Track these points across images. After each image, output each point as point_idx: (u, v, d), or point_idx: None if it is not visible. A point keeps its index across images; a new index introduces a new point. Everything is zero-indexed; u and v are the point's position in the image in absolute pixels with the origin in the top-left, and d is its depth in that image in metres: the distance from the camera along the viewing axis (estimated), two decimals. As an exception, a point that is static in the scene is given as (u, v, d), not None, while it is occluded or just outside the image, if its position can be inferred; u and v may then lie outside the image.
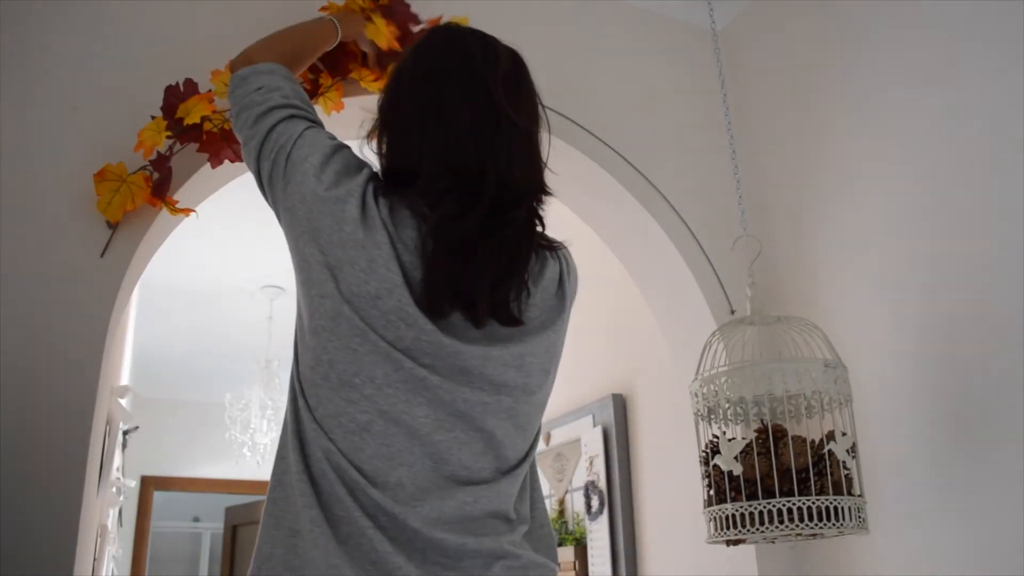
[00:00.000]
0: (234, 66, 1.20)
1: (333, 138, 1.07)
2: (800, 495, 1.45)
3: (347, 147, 1.06)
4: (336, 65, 1.62)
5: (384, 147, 1.05)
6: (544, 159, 1.07)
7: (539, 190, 1.04)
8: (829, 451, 1.49)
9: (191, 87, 1.52)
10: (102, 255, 1.47)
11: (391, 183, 1.01)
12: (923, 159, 1.72)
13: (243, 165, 1.67)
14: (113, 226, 1.48)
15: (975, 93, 1.62)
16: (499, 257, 0.96)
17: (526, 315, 0.98)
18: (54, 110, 1.52)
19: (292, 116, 1.07)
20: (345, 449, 0.93)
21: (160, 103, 1.52)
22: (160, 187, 1.48)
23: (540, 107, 1.09)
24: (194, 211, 1.57)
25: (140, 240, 1.51)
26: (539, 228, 1.04)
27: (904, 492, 1.68)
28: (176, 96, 1.52)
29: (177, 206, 1.52)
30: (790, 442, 1.50)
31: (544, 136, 1.08)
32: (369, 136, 1.07)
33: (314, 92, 1.62)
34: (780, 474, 1.48)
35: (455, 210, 0.95)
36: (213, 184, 1.72)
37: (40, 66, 1.54)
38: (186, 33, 1.68)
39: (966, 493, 1.56)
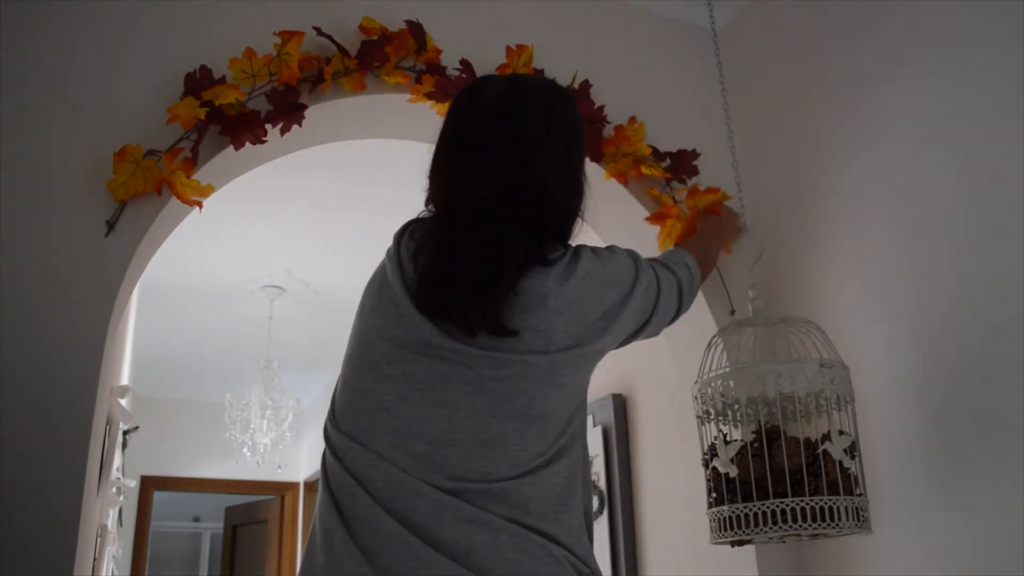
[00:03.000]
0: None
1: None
2: (794, 496, 1.45)
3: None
4: (366, 56, 1.73)
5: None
6: (573, 186, 1.19)
7: (533, 202, 1.11)
8: (824, 451, 1.48)
9: (206, 74, 1.59)
10: (103, 257, 1.47)
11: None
12: (924, 158, 1.71)
13: (247, 159, 1.69)
14: (111, 224, 1.48)
15: (976, 93, 1.62)
16: (473, 264, 1.04)
17: (522, 326, 1.05)
18: (54, 110, 1.52)
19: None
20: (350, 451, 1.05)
21: (155, 103, 1.57)
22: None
23: (551, 129, 1.17)
24: (200, 204, 1.58)
25: (140, 241, 1.51)
26: (535, 241, 1.10)
27: (904, 492, 1.67)
28: (195, 83, 1.58)
29: (191, 182, 1.55)
30: (783, 443, 1.50)
31: (580, 167, 1.22)
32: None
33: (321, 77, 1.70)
34: (776, 475, 1.48)
35: (440, 224, 1.10)
36: (226, 174, 1.73)
37: (40, 66, 1.53)
38: (185, 33, 1.68)
39: (967, 493, 1.56)
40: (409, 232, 1.14)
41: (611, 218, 2.06)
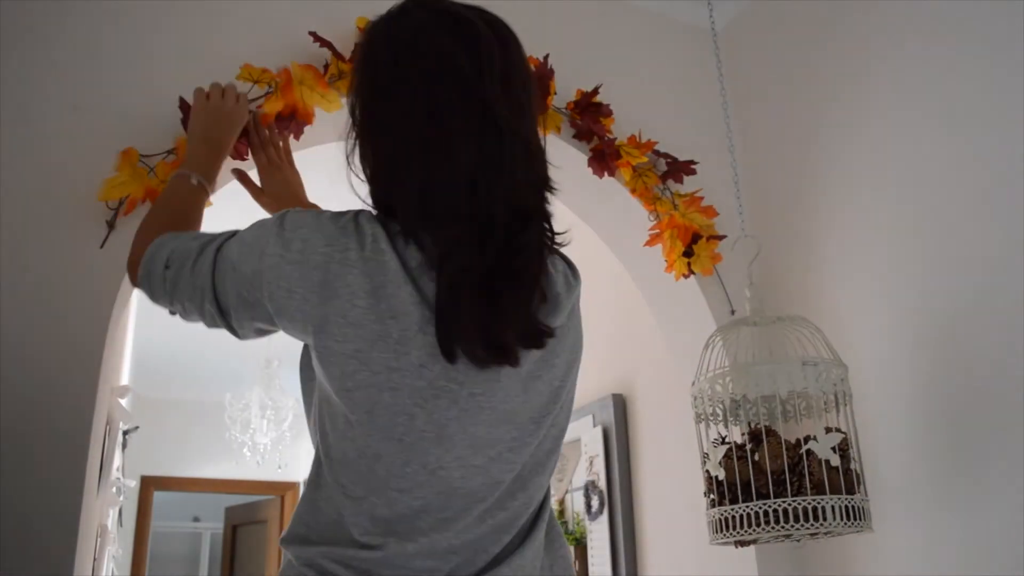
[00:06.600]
0: (133, 270, 1.08)
1: (269, 220, 0.95)
2: (779, 497, 1.45)
3: (291, 212, 0.94)
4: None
5: (370, 172, 0.96)
6: (543, 143, 0.98)
7: (544, 198, 0.95)
8: (807, 451, 1.48)
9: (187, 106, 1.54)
10: (101, 246, 1.47)
11: (384, 212, 0.94)
12: (923, 158, 1.72)
13: (248, 160, 1.69)
14: (112, 224, 1.48)
15: (975, 92, 1.62)
16: (519, 290, 0.89)
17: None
18: (54, 110, 1.52)
19: (218, 248, 0.96)
20: (400, 531, 0.89)
21: (158, 100, 1.57)
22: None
23: (531, 87, 0.98)
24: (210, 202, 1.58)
25: (140, 240, 1.51)
26: (551, 231, 0.96)
27: (906, 491, 1.67)
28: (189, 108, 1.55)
29: None
30: (765, 445, 1.50)
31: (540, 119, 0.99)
32: (352, 153, 0.97)
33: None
34: (763, 477, 1.48)
35: (469, 253, 0.87)
36: (226, 175, 1.73)
37: (40, 66, 1.54)
38: (185, 33, 1.68)
39: (967, 492, 1.56)
40: (392, 235, 0.90)
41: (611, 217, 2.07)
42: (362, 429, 0.88)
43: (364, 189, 0.97)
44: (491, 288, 0.87)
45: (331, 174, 1.00)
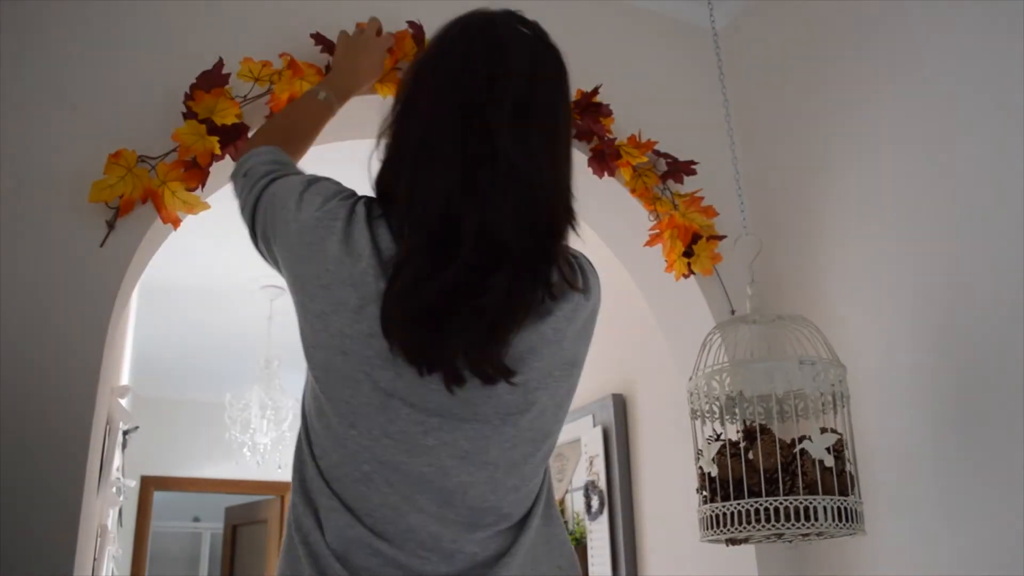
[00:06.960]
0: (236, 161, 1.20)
1: (306, 177, 1.04)
2: (771, 495, 1.44)
3: (322, 179, 1.02)
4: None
5: (384, 157, 1.00)
6: (570, 190, 0.97)
7: (542, 242, 0.92)
8: (801, 451, 1.47)
9: (219, 74, 1.58)
10: (101, 245, 1.47)
11: (383, 199, 0.98)
12: (924, 157, 1.72)
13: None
14: (111, 224, 1.48)
15: (976, 91, 1.62)
16: (468, 326, 0.87)
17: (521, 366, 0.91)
18: (54, 110, 1.52)
19: (273, 180, 1.06)
20: (350, 500, 0.92)
21: (158, 99, 1.57)
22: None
23: (566, 131, 0.99)
24: (177, 224, 1.57)
25: (140, 239, 1.51)
26: (545, 279, 0.92)
27: (904, 492, 1.67)
28: (208, 79, 1.57)
29: (187, 195, 1.54)
30: (759, 443, 1.49)
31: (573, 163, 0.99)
32: (379, 137, 1.01)
33: None
34: (756, 475, 1.48)
35: (424, 269, 0.87)
36: (225, 176, 1.73)
37: (40, 65, 1.54)
38: (185, 32, 1.68)
39: (966, 493, 1.56)
40: (374, 217, 0.95)
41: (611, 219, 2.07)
42: (320, 387, 0.94)
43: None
44: (431, 310, 0.87)
45: (332, 173, 1.06)
